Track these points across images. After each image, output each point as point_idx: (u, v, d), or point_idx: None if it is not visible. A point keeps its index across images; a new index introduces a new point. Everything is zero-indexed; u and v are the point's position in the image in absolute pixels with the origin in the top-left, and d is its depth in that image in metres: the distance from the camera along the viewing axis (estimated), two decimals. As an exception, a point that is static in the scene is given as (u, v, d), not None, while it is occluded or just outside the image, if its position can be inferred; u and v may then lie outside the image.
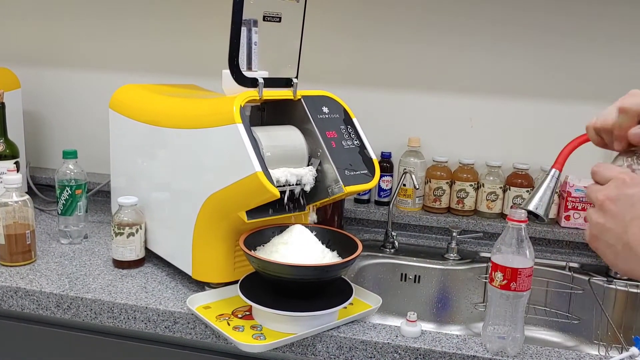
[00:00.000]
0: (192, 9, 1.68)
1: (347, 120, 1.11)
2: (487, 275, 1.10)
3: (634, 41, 1.47)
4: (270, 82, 1.05)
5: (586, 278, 1.41)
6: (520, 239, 0.93)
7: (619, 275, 1.40)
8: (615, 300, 1.39)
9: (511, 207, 1.46)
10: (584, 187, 0.73)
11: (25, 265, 1.22)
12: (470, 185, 1.56)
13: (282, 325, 0.98)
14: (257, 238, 1.06)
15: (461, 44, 1.56)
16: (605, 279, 1.40)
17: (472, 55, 1.56)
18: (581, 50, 1.50)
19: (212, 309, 1.05)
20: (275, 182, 0.97)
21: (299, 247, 1.01)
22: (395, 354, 0.97)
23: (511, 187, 1.53)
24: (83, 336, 1.13)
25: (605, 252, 0.63)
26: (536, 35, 1.52)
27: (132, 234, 1.20)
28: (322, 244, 1.04)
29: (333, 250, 1.05)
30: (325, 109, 1.09)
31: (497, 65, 1.56)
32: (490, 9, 1.53)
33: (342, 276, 1.08)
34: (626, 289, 1.39)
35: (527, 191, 1.52)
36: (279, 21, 1.06)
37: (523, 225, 0.93)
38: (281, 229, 1.08)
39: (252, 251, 1.01)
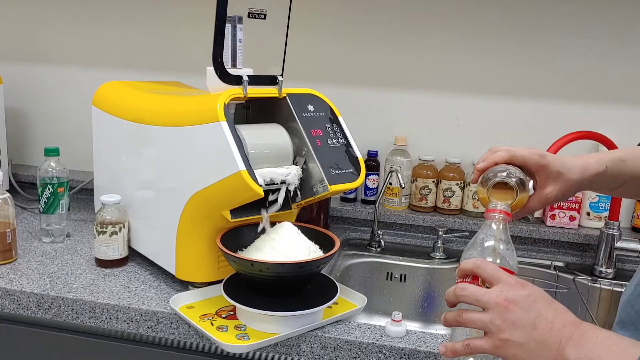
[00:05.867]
0: (177, 5, 1.67)
1: (333, 119, 1.10)
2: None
3: (620, 41, 1.48)
4: (255, 80, 1.04)
5: (571, 277, 1.41)
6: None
7: (603, 274, 1.41)
8: (599, 299, 1.40)
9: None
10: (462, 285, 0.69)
11: (5, 264, 1.19)
12: (457, 184, 1.56)
13: (266, 325, 0.97)
14: (237, 237, 1.05)
15: (448, 43, 1.56)
16: (590, 277, 1.41)
17: (458, 54, 1.56)
18: (568, 50, 1.51)
19: (196, 308, 1.04)
20: (259, 181, 0.96)
21: (286, 244, 1.00)
22: (380, 354, 0.96)
23: (497, 186, 1.53)
24: (64, 336, 1.12)
25: (517, 352, 0.64)
26: (523, 34, 1.52)
27: (115, 233, 1.19)
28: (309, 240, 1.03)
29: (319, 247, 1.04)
30: (310, 107, 1.08)
31: (484, 65, 1.56)
32: (476, 8, 1.53)
33: (324, 273, 1.08)
34: (611, 287, 1.40)
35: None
36: (264, 18, 1.05)
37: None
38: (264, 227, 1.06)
39: (234, 250, 1.00)
